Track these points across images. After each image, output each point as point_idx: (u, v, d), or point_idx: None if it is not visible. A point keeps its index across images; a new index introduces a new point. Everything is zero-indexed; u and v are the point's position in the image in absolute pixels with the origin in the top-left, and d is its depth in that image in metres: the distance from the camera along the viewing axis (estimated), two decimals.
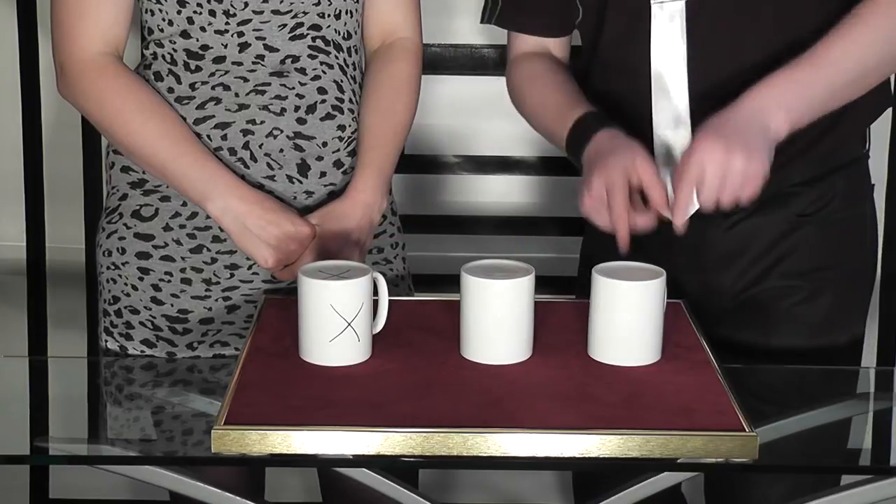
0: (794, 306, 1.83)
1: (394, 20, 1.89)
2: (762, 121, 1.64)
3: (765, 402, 1.64)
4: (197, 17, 1.76)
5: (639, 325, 1.55)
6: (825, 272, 1.84)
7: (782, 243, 1.83)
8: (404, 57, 1.89)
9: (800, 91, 1.67)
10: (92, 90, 1.77)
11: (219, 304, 1.82)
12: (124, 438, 1.60)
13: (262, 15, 1.76)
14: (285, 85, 1.79)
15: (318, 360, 1.55)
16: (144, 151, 1.76)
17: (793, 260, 1.83)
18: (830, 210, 1.83)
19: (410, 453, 1.41)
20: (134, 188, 1.83)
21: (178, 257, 1.81)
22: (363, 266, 1.59)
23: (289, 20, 1.78)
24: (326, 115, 1.81)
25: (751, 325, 1.84)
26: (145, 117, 1.75)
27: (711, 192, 1.61)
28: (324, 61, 1.81)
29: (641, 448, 1.41)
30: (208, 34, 1.77)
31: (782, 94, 1.66)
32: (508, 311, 1.55)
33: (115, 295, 1.85)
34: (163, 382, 1.73)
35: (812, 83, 1.68)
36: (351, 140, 1.84)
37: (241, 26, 1.76)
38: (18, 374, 1.75)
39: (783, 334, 1.83)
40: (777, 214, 1.81)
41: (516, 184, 2.57)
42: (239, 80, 1.78)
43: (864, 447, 1.65)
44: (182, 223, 1.81)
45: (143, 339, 1.84)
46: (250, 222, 1.74)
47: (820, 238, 1.83)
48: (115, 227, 1.84)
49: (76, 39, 1.76)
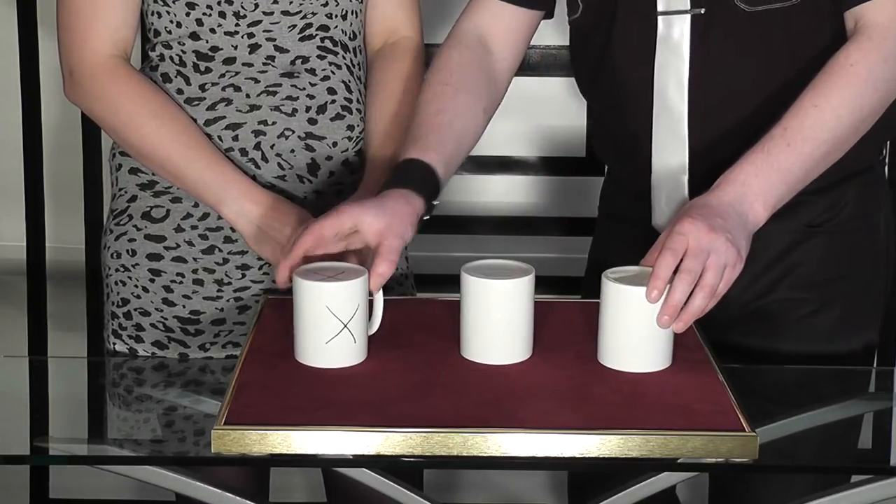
0: (803, 318, 1.81)
1: (396, 20, 1.90)
2: (741, 211, 1.60)
3: (765, 402, 1.64)
4: (206, 19, 1.77)
5: (649, 332, 1.53)
6: (835, 283, 1.82)
7: (791, 254, 1.81)
8: (408, 56, 1.90)
9: (777, 177, 1.63)
10: (103, 94, 1.77)
11: (230, 304, 1.82)
12: (124, 438, 1.60)
13: (272, 16, 1.77)
14: (296, 86, 1.79)
15: (315, 363, 1.55)
16: (158, 155, 1.77)
17: (802, 271, 1.81)
18: (841, 220, 1.81)
19: (410, 453, 1.41)
20: (143, 190, 1.83)
21: (190, 258, 1.82)
22: (358, 267, 1.59)
23: (298, 21, 1.78)
24: (336, 116, 1.81)
25: (759, 335, 1.82)
26: (158, 122, 1.76)
27: (694, 264, 1.53)
28: (332, 62, 1.81)
29: (641, 448, 1.41)
30: (218, 35, 1.77)
31: (760, 183, 1.62)
32: (508, 311, 1.55)
33: (124, 297, 1.85)
34: (163, 382, 1.73)
35: (789, 167, 1.63)
36: (358, 140, 1.85)
37: (251, 27, 1.77)
38: (18, 374, 1.75)
39: (791, 344, 1.82)
40: (786, 224, 1.77)
41: (516, 184, 2.58)
42: (250, 81, 1.78)
43: (864, 447, 1.65)
44: (194, 224, 1.81)
45: (154, 340, 1.84)
46: (265, 224, 1.75)
47: (830, 249, 1.81)
48: (125, 228, 1.84)
49: (86, 43, 1.76)
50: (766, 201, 1.62)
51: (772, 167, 1.63)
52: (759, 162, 1.63)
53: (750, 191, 1.62)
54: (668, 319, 1.51)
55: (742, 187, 1.62)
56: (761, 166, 1.63)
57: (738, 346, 1.81)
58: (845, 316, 1.83)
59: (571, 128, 2.74)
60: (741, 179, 1.62)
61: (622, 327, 1.54)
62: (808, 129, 1.64)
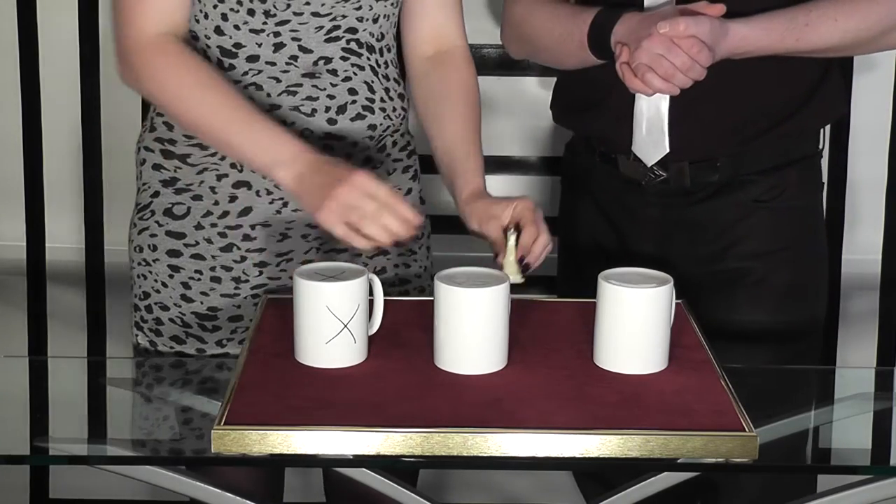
0: (752, 285, 1.96)
1: (448, 29, 1.90)
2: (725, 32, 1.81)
3: (765, 402, 1.64)
4: (232, 15, 1.76)
5: (646, 333, 1.53)
6: (779, 254, 1.97)
7: (739, 226, 1.96)
8: (466, 65, 1.91)
9: (765, 45, 1.84)
10: (152, 71, 1.74)
11: (248, 301, 1.83)
12: (124, 438, 1.60)
13: (301, 16, 1.76)
14: (317, 86, 1.79)
15: (315, 363, 1.55)
16: (205, 124, 1.73)
17: (748, 243, 1.96)
18: (784, 198, 1.97)
19: (410, 453, 1.41)
20: (166, 186, 1.84)
21: (209, 256, 1.82)
22: (359, 268, 1.59)
23: (327, 22, 1.77)
24: (357, 116, 1.81)
25: (709, 303, 1.90)
26: (204, 92, 1.72)
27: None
28: (355, 63, 1.81)
29: (641, 448, 1.41)
30: (242, 32, 1.77)
31: (746, 36, 1.83)
32: (480, 319, 1.53)
33: (145, 290, 1.87)
34: (164, 382, 1.73)
35: (780, 41, 1.84)
36: (382, 137, 1.85)
37: (278, 27, 1.76)
38: (18, 374, 1.75)
39: (742, 312, 1.96)
40: (734, 198, 1.95)
41: (516, 184, 2.57)
42: (272, 80, 1.78)
43: (864, 447, 1.65)
44: (213, 222, 1.82)
45: (172, 335, 1.86)
46: (317, 181, 1.66)
47: (773, 222, 1.97)
48: (147, 224, 1.85)
49: (135, 22, 1.74)
50: (744, 49, 1.84)
51: (769, 32, 1.84)
52: (763, 20, 1.84)
53: (737, 35, 1.83)
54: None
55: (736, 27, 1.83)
56: (760, 27, 1.84)
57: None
58: (792, 284, 1.98)
59: None
60: (739, 25, 1.84)
61: (619, 329, 1.54)
62: (815, 35, 1.85)
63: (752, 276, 1.97)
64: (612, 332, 1.54)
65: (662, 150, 1.92)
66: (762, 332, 1.97)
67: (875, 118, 2.49)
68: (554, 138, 2.54)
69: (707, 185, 1.96)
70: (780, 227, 1.98)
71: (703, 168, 1.95)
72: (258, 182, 1.81)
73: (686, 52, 1.76)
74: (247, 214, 1.82)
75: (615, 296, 1.54)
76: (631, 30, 1.82)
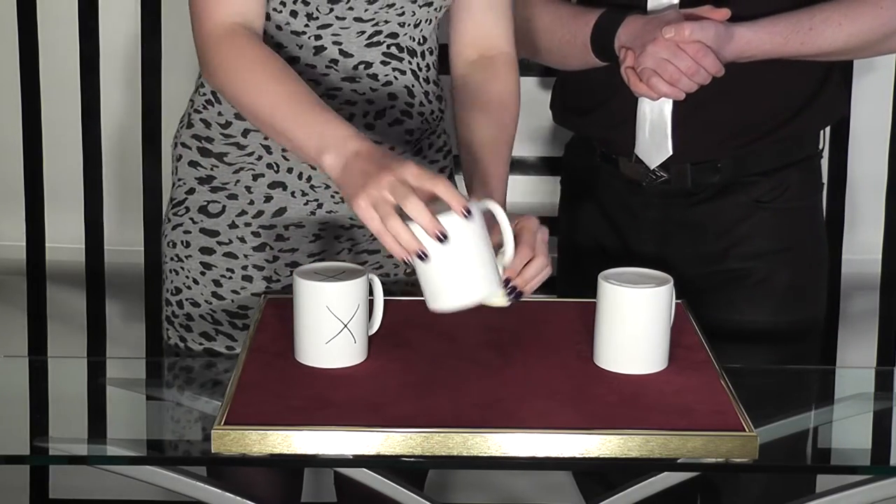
0: (754, 286, 1.97)
1: (495, 35, 1.85)
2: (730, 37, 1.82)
3: (765, 402, 1.64)
4: (275, 15, 1.75)
5: (646, 333, 1.54)
6: (781, 254, 1.98)
7: (741, 226, 1.97)
8: (508, 73, 1.85)
9: (769, 48, 1.85)
10: (221, 63, 1.68)
11: None
12: (124, 438, 1.60)
13: (343, 21, 1.74)
14: (356, 90, 1.78)
15: (314, 363, 1.55)
16: (266, 113, 1.64)
17: (750, 243, 1.97)
18: (785, 199, 1.98)
19: (410, 453, 1.41)
20: (202, 184, 1.84)
21: (241, 255, 1.83)
22: (359, 267, 1.59)
23: (368, 28, 1.76)
24: (395, 121, 1.80)
25: (710, 304, 1.90)
26: (269, 82, 1.64)
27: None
28: (396, 67, 1.79)
29: (641, 448, 1.41)
30: (284, 33, 1.76)
31: (751, 40, 1.84)
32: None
33: (176, 286, 1.88)
34: (163, 382, 1.73)
35: (785, 45, 1.85)
36: (419, 141, 1.84)
37: (320, 30, 1.75)
38: (18, 374, 1.75)
39: (743, 312, 1.97)
40: (737, 199, 1.97)
41: (516, 184, 2.56)
42: (311, 83, 1.72)
43: (864, 447, 1.65)
44: (248, 221, 1.82)
45: (202, 331, 1.86)
46: (360, 167, 1.56)
47: (775, 223, 1.98)
48: (181, 220, 1.85)
49: (210, 16, 1.69)
50: (748, 51, 1.85)
51: (774, 36, 1.85)
52: (768, 23, 1.85)
53: (742, 38, 1.84)
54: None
55: (741, 30, 1.84)
56: (765, 31, 1.85)
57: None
58: (792, 284, 1.98)
59: None
60: (745, 29, 1.85)
61: (619, 329, 1.54)
62: (816, 38, 1.86)
63: (753, 277, 1.97)
64: (612, 332, 1.55)
65: (665, 153, 1.92)
66: (762, 333, 1.97)
67: (875, 119, 2.49)
68: (554, 138, 2.54)
69: (708, 186, 1.96)
70: (781, 228, 1.98)
71: (705, 169, 1.95)
72: (294, 183, 1.81)
73: (691, 56, 1.76)
74: (281, 215, 1.82)
75: (615, 296, 1.54)
76: (635, 34, 1.83)
